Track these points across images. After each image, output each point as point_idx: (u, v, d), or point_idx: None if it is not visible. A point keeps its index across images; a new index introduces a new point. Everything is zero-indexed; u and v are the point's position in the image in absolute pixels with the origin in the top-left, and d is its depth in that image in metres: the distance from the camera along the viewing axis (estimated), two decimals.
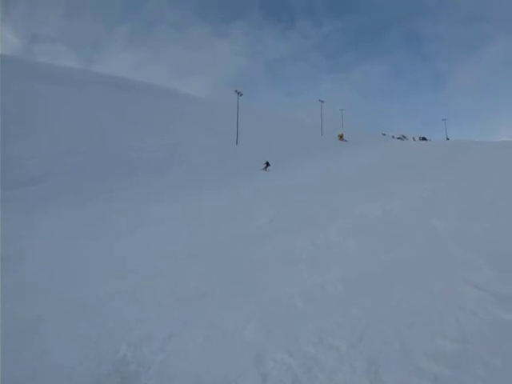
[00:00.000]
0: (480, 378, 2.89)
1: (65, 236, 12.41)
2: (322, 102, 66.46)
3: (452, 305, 4.10)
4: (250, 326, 4.38)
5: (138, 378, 3.78)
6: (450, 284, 4.64)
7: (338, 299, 4.66)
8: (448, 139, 68.17)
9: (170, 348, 4.22)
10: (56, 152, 29.40)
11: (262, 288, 5.86)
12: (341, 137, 58.88)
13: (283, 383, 3.11)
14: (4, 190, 21.52)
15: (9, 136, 30.00)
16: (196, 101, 60.80)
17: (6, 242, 11.59)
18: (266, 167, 31.94)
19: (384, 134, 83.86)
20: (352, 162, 30.29)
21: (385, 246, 6.96)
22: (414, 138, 76.28)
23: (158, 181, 25.75)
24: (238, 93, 50.35)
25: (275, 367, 3.35)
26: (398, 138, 79.88)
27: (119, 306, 6.09)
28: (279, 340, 3.87)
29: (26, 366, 4.39)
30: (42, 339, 5.16)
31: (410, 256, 6.05)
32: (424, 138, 73.86)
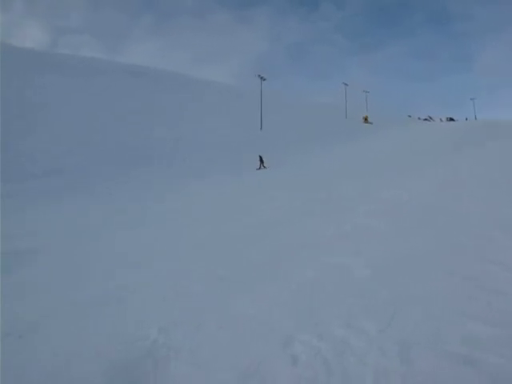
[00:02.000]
0: None
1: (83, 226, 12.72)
2: (346, 85, 65.50)
3: (484, 287, 4.02)
4: (276, 309, 4.40)
5: (170, 362, 3.86)
6: (481, 266, 4.55)
7: (366, 282, 4.63)
8: (476, 119, 66.38)
9: (199, 333, 4.28)
10: (72, 142, 29.88)
11: (288, 272, 5.87)
12: (366, 119, 58.09)
13: (313, 366, 3.12)
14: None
15: (22, 129, 30.55)
16: (219, 87, 60.71)
17: (24, 237, 11.93)
18: (261, 165, 28.34)
19: (410, 116, 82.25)
20: (377, 144, 29.85)
21: (413, 229, 6.86)
22: (441, 119, 74.57)
23: (179, 168, 26.06)
24: (261, 78, 50.20)
25: (304, 350, 3.35)
26: (425, 120, 78.29)
27: (144, 293, 6.22)
28: (307, 323, 3.88)
29: (61, 352, 4.52)
30: (74, 325, 5.34)
31: (440, 239, 5.95)
32: (451, 119, 72.06)
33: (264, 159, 28.29)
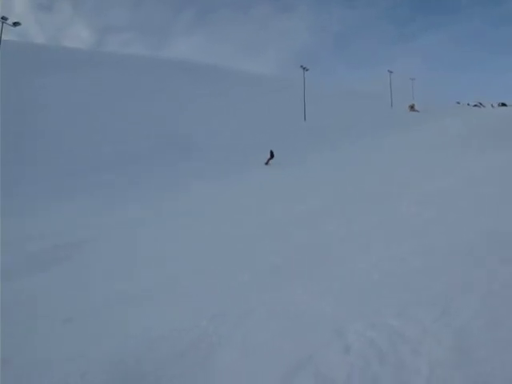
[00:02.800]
0: None
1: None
2: (391, 72, 63.58)
3: None
4: (327, 299, 4.38)
5: (220, 349, 3.94)
6: None
7: (418, 272, 4.52)
8: None
9: (250, 322, 4.33)
10: (125, 135, 30.93)
11: (337, 262, 5.84)
12: (412, 107, 56.31)
13: (367, 355, 3.09)
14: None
15: (82, 122, 31.89)
16: (262, 79, 60.68)
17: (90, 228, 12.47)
18: (269, 159, 26.42)
19: (458, 103, 79.02)
20: (424, 132, 28.86)
21: (465, 218, 6.63)
22: (492, 105, 71.11)
23: (224, 160, 26.31)
24: (304, 68, 49.74)
25: (358, 340, 3.33)
26: (475, 106, 74.95)
27: (196, 283, 6.37)
28: (359, 313, 3.84)
29: (120, 339, 4.71)
30: (130, 313, 5.56)
31: (493, 228, 5.71)
32: (504, 104, 68.54)
33: (271, 155, 26.35)
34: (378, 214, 8.50)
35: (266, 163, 26.17)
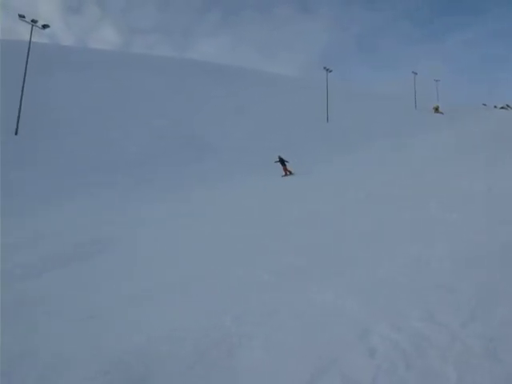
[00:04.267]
0: None
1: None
2: (415, 74, 62.64)
3: None
4: (350, 300, 4.32)
5: (243, 349, 3.92)
6: None
7: (445, 275, 4.42)
8: None
9: (272, 322, 4.31)
10: (141, 136, 31.42)
11: (361, 262, 5.76)
12: (436, 109, 55.37)
13: (392, 359, 3.03)
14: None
15: (109, 123, 32.53)
16: (284, 80, 60.60)
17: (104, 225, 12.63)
18: (285, 171, 22.32)
19: (485, 105, 77.26)
20: (449, 133, 28.36)
21: (495, 221, 6.47)
22: None
23: (247, 159, 26.38)
24: (327, 69, 49.52)
25: (382, 342, 3.27)
26: (502, 108, 73.21)
27: (215, 283, 6.36)
28: (383, 315, 3.78)
29: (143, 336, 4.74)
30: (150, 312, 5.59)
31: None
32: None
33: (286, 164, 22.40)
34: (402, 216, 8.37)
35: (285, 174, 22.16)
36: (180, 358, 4.01)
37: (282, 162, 22.56)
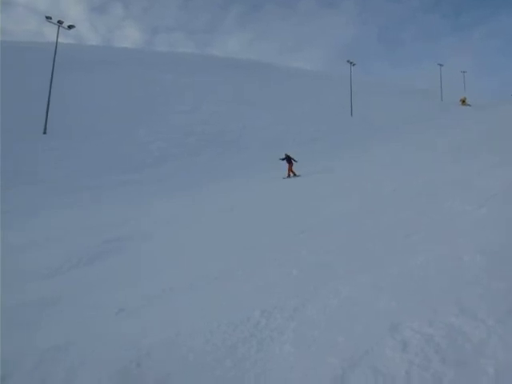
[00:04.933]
0: None
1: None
2: (441, 65, 61.44)
3: None
4: (381, 295, 4.25)
5: (273, 342, 3.92)
6: None
7: (478, 271, 4.30)
8: None
9: (302, 316, 4.29)
10: (177, 134, 31.80)
11: (389, 257, 5.69)
12: (463, 101, 54.23)
13: (425, 352, 2.98)
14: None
15: (135, 121, 33.03)
16: (308, 75, 60.30)
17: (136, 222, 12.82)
18: (289, 172, 20.24)
19: None
20: (479, 127, 27.68)
21: None
22: None
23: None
24: (351, 63, 49.07)
25: (414, 336, 3.21)
26: None
27: (244, 278, 6.40)
28: (415, 309, 3.71)
29: (170, 327, 4.80)
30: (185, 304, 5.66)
31: None
32: None
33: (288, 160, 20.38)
34: (433, 211, 8.22)
35: (288, 176, 20.05)
36: (209, 352, 4.03)
37: (289, 160, 20.34)
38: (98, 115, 33.18)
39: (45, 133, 29.96)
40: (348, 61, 49.30)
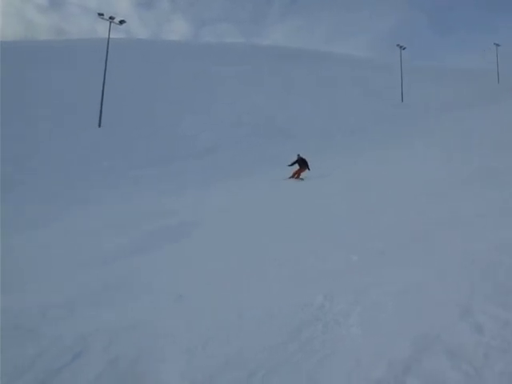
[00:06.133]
0: None
1: None
2: (498, 45, 58.29)
3: None
4: (446, 279, 4.21)
5: (339, 325, 3.96)
6: None
7: None
8: None
9: (367, 300, 4.30)
10: (227, 124, 32.21)
11: (449, 244, 5.59)
12: None
13: (503, 336, 2.94)
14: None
15: (184, 113, 33.72)
16: (354, 61, 59.09)
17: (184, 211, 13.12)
18: (295, 174, 17.74)
19: None
20: None
21: None
22: None
23: (323, 146, 26.18)
24: (401, 47, 47.60)
25: (489, 320, 3.16)
26: None
27: (306, 262, 6.44)
28: (485, 293, 3.65)
29: (232, 311, 4.93)
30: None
31: None
32: None
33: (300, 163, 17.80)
34: (488, 198, 7.97)
35: (291, 177, 17.76)
36: (273, 335, 4.10)
37: (302, 163, 17.90)
38: (150, 108, 34.12)
39: (99, 126, 31.16)
40: (398, 45, 47.83)
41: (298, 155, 18.19)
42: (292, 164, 18.15)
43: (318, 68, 50.20)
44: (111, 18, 35.31)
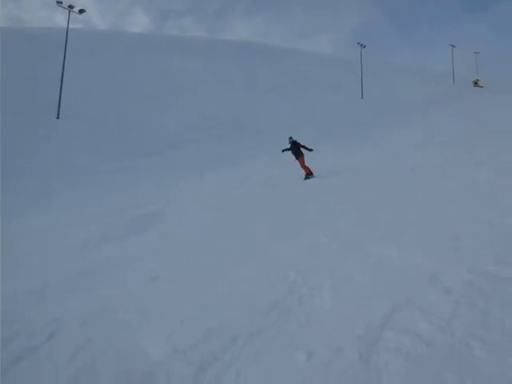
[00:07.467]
0: None
1: None
2: (454, 46, 60.48)
3: None
4: (417, 252, 4.43)
5: (313, 298, 4.10)
6: None
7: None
8: None
9: (340, 274, 4.45)
10: (192, 119, 32.02)
11: (424, 221, 5.77)
12: (476, 83, 53.77)
13: (470, 295, 3.16)
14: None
15: (150, 108, 33.24)
16: (319, 58, 59.83)
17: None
18: (305, 168, 13.97)
19: None
20: (490, 109, 27.45)
21: None
22: None
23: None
24: (361, 45, 48.64)
25: (457, 283, 3.39)
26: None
27: (279, 245, 6.52)
28: (453, 261, 3.88)
29: (209, 293, 4.98)
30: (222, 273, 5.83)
31: None
32: None
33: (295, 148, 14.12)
34: (454, 179, 8.37)
35: (306, 175, 13.98)
36: (251, 309, 4.18)
37: (298, 150, 14.18)
38: (111, 100, 33.38)
39: (58, 118, 30.24)
40: (358, 43, 48.91)
41: (290, 138, 14.43)
42: (285, 150, 14.70)
43: (283, 63, 50.59)
44: (70, 6, 34.27)
